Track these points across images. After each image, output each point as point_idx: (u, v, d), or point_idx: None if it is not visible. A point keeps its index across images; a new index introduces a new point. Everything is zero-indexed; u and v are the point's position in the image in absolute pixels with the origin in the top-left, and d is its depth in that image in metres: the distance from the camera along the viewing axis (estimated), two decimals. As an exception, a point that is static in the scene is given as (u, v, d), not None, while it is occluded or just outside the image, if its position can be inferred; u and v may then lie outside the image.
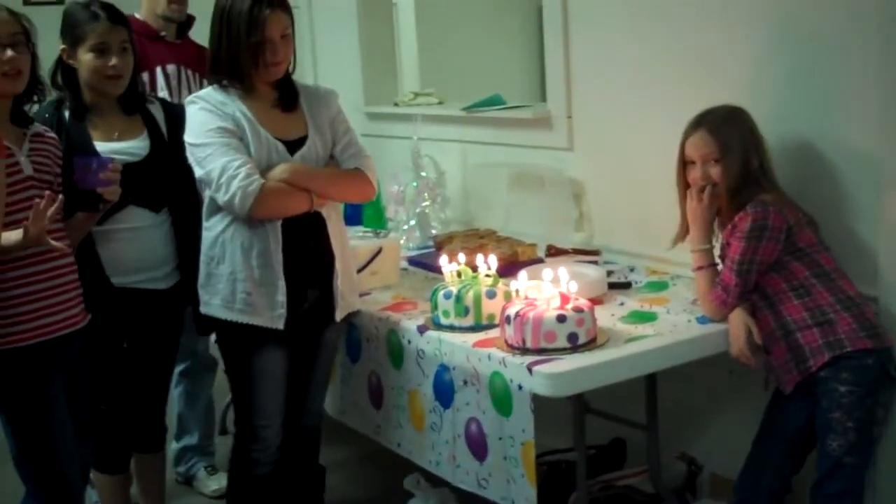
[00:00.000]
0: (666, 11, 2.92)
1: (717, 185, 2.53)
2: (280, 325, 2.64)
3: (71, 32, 2.72)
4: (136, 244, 2.77)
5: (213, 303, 2.66)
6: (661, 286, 2.91)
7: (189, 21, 3.47)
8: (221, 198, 2.53)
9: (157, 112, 2.88)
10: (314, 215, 2.67)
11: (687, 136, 2.57)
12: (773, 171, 2.55)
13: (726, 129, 2.53)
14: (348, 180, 2.72)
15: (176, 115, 2.81)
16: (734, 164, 2.51)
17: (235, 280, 2.61)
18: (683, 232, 2.66)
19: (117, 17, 2.74)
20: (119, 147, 2.73)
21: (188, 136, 2.61)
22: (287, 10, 2.61)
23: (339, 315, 2.78)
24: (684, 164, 2.60)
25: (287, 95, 2.69)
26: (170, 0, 3.38)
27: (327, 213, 2.70)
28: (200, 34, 3.08)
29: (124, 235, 2.75)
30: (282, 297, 2.62)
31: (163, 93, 3.33)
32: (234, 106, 2.60)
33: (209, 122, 2.57)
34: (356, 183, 2.73)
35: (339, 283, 2.74)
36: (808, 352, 2.43)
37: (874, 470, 2.48)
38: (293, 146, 2.65)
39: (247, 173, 2.51)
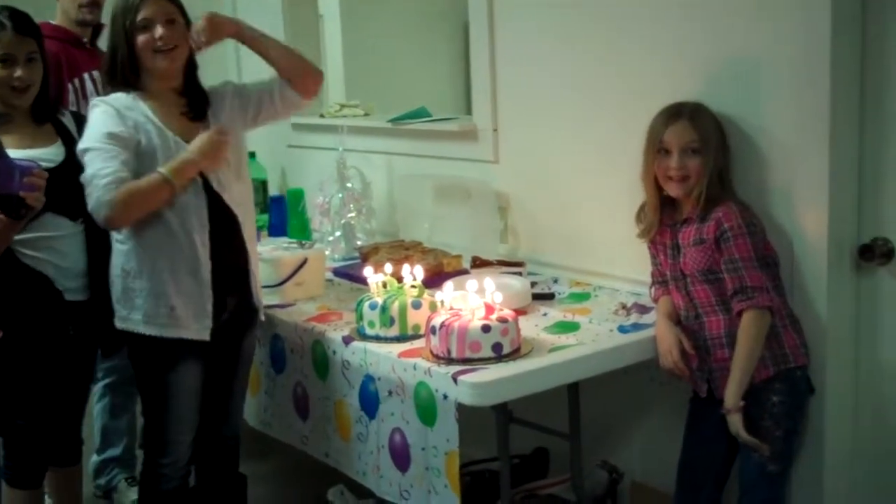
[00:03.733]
0: (592, 27, 2.96)
1: (689, 180, 2.48)
2: (206, 336, 2.62)
3: None
4: (56, 253, 2.72)
5: (132, 318, 2.61)
6: (583, 297, 2.95)
7: (99, 28, 3.43)
8: (88, 206, 2.48)
9: (69, 122, 2.85)
10: (231, 222, 2.64)
11: (665, 125, 2.50)
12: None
13: (704, 121, 2.49)
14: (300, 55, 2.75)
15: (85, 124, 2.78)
16: (711, 157, 2.46)
17: (157, 294, 2.57)
18: (650, 225, 2.61)
19: (25, 28, 2.68)
20: (34, 154, 2.68)
21: (81, 141, 2.55)
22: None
23: (262, 315, 2.79)
24: (655, 152, 2.52)
25: (195, 103, 2.66)
26: (80, 4, 3.34)
27: (243, 217, 2.68)
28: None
29: (45, 244, 2.70)
30: (209, 306, 2.60)
31: (93, 99, 3.28)
32: (139, 110, 2.55)
33: (102, 126, 2.51)
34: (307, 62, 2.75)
35: (254, 287, 2.74)
36: None
37: (791, 480, 2.56)
38: None
39: (106, 183, 2.43)
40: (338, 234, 3.67)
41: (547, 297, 2.93)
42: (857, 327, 2.53)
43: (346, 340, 2.67)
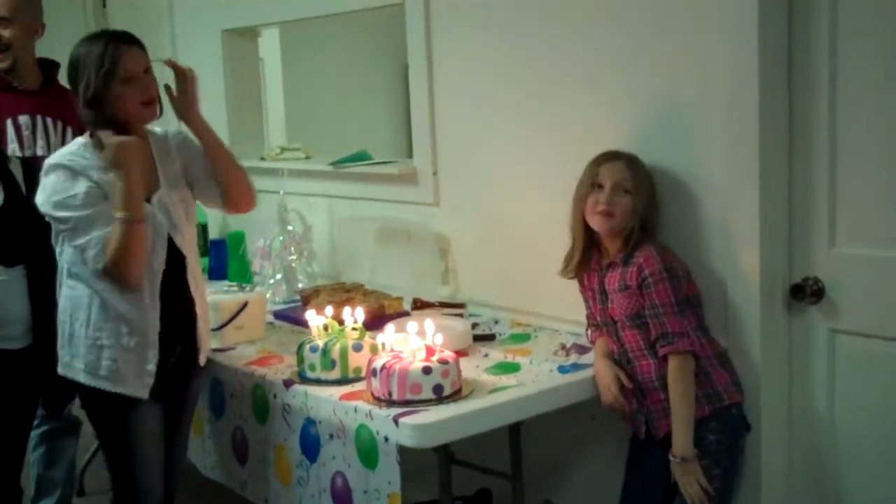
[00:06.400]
0: (531, 73, 3.01)
1: (614, 218, 2.52)
2: (145, 395, 2.57)
3: None
4: None
5: (74, 366, 2.57)
6: (524, 338, 2.97)
7: (53, 67, 3.40)
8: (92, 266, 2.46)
9: (16, 169, 2.82)
10: (180, 266, 2.62)
11: (601, 163, 2.56)
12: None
13: (639, 168, 2.56)
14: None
15: (34, 172, 2.74)
16: (641, 201, 2.52)
17: (101, 347, 2.53)
18: (570, 262, 2.66)
19: None
20: None
21: (60, 208, 2.47)
22: (142, 48, 2.57)
23: (202, 359, 2.76)
24: (589, 188, 2.55)
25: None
26: None
27: (192, 262, 2.66)
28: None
29: None
30: (151, 366, 2.56)
31: (12, 145, 3.21)
32: (94, 162, 2.50)
33: (63, 191, 2.46)
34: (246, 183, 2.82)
35: (201, 330, 2.72)
36: None
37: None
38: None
39: (95, 254, 2.43)
40: (279, 277, 3.66)
41: (488, 339, 2.95)
42: (789, 365, 2.58)
43: (287, 384, 2.66)
